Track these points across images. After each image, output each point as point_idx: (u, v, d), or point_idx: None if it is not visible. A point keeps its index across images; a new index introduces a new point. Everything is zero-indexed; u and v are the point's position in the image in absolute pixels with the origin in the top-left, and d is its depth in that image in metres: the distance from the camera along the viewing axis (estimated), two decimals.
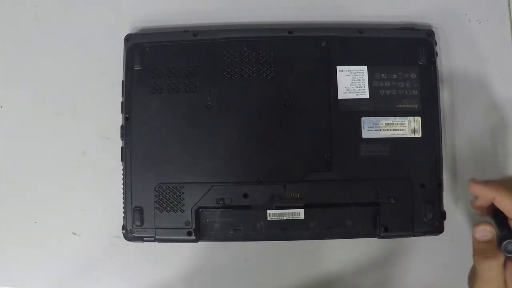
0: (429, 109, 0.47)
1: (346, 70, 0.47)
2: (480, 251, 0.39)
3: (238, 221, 0.46)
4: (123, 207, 0.46)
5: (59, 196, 0.49)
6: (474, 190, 0.42)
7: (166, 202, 0.46)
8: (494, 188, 0.40)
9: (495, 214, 0.41)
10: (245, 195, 0.46)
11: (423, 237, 0.46)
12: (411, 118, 0.47)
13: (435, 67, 0.48)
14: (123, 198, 0.46)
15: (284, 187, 0.46)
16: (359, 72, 0.47)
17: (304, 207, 0.46)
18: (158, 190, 0.46)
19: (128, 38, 0.48)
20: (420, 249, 0.48)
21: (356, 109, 0.47)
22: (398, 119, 0.47)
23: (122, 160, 0.46)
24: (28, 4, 0.51)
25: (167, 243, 0.46)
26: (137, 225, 0.46)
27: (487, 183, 0.42)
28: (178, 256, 0.48)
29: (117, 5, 0.51)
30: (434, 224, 0.46)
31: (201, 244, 0.47)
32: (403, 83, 0.47)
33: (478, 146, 0.50)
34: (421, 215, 0.46)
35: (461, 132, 0.50)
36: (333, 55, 0.47)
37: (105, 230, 0.49)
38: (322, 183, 0.46)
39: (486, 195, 0.41)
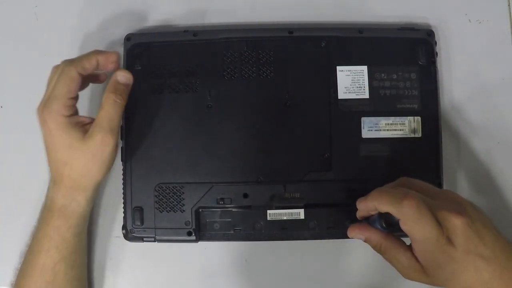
0: (429, 109, 0.47)
1: (346, 70, 0.47)
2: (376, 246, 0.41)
3: (238, 221, 0.46)
4: (123, 207, 0.46)
5: None
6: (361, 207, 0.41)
7: (166, 202, 0.46)
8: (373, 198, 0.40)
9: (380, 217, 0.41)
10: (245, 195, 0.46)
11: None
12: (411, 118, 0.47)
13: (435, 67, 0.48)
14: (123, 198, 0.46)
15: (284, 187, 0.46)
16: (359, 72, 0.47)
17: (304, 207, 0.46)
18: (158, 190, 0.46)
19: (128, 38, 0.48)
20: None
21: (356, 109, 0.47)
22: (398, 119, 0.47)
23: (122, 160, 0.46)
24: (28, 4, 0.51)
25: (167, 243, 0.47)
26: (137, 225, 0.46)
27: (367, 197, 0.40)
28: (178, 256, 0.48)
29: (117, 5, 0.51)
30: None
31: (201, 244, 0.47)
32: (403, 83, 0.47)
33: (478, 146, 0.49)
34: None
35: (461, 132, 0.50)
36: (333, 55, 0.47)
37: (105, 230, 0.49)
38: (322, 183, 0.46)
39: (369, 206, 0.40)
